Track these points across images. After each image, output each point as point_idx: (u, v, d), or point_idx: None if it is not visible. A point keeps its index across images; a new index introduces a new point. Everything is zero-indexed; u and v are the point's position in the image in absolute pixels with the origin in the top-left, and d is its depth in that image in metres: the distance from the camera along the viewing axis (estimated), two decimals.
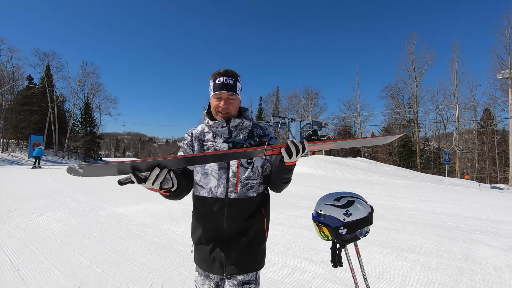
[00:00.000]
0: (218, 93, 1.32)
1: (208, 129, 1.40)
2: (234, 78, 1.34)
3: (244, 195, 1.30)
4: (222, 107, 1.32)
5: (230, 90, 1.32)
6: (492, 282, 2.82)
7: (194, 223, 1.40)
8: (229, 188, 1.28)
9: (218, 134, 1.36)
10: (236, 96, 1.35)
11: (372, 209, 1.27)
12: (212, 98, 1.36)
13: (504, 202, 8.17)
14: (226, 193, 1.28)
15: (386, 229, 4.68)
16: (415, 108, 31.66)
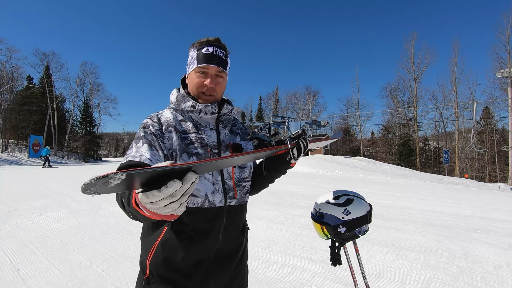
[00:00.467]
0: (205, 67, 1.01)
1: (183, 116, 1.06)
2: (226, 51, 1.07)
3: (242, 201, 1.08)
4: (208, 85, 1.02)
5: (221, 65, 1.03)
6: (492, 281, 2.82)
7: (169, 245, 0.97)
8: (228, 194, 1.02)
9: (202, 125, 1.05)
10: (226, 75, 1.08)
11: (371, 207, 1.27)
12: (193, 73, 1.04)
13: (504, 201, 8.18)
14: (226, 200, 1.01)
15: (386, 228, 4.69)
16: (415, 107, 31.68)
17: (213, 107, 1.03)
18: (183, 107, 1.05)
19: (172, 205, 0.53)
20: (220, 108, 1.06)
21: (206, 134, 1.04)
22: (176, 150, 0.97)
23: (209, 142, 1.03)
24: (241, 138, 1.18)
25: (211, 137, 1.05)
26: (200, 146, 1.00)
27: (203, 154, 1.00)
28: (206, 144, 1.02)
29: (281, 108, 42.20)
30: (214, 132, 1.06)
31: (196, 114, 1.04)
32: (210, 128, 1.06)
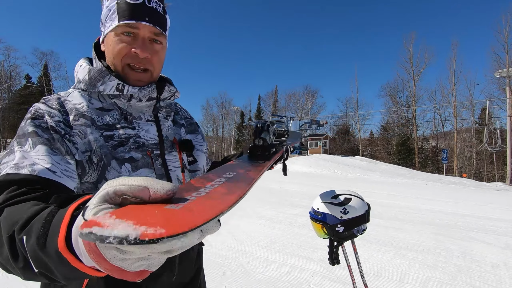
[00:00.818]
0: (132, 25, 0.68)
1: (102, 103, 0.73)
2: (163, 4, 0.75)
3: None
4: (140, 55, 0.70)
5: (158, 23, 0.71)
6: (490, 280, 2.83)
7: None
8: None
9: (134, 115, 0.76)
10: (165, 41, 0.77)
11: (369, 206, 1.27)
12: (113, 36, 0.70)
13: (502, 200, 8.21)
14: None
15: (384, 227, 4.70)
16: (414, 106, 31.77)
17: (150, 90, 0.73)
18: (102, 89, 0.71)
19: (155, 260, 0.29)
20: (160, 90, 0.76)
21: (141, 129, 0.75)
22: (99, 155, 0.66)
23: (146, 140, 0.75)
24: (187, 131, 0.90)
25: (149, 132, 0.76)
26: (135, 148, 0.71)
27: (141, 160, 0.72)
28: (143, 144, 0.73)
29: (280, 107, 42.28)
30: (152, 126, 0.78)
31: (124, 101, 0.73)
32: (146, 119, 0.77)
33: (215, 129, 45.47)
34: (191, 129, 0.94)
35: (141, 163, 0.72)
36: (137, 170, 0.70)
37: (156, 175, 0.73)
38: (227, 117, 44.81)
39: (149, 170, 0.73)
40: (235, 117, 42.27)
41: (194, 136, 0.93)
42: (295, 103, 40.51)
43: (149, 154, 0.74)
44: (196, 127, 0.97)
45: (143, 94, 0.74)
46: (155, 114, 0.80)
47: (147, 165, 0.73)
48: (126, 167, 0.69)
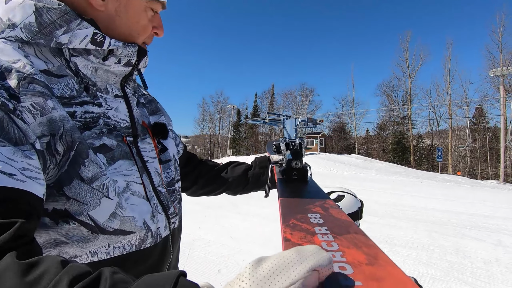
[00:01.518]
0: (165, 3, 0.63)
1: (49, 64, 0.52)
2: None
3: (181, 216, 0.76)
4: (160, 35, 0.65)
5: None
6: (482, 276, 2.88)
7: None
8: (169, 210, 0.66)
9: (98, 86, 0.58)
10: None
11: (362, 204, 1.29)
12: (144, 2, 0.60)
13: (495, 198, 8.31)
14: (169, 222, 0.66)
15: (379, 224, 4.74)
16: (409, 105, 31.97)
17: (134, 51, 0.59)
18: (66, 41, 0.51)
19: None
20: (140, 56, 0.61)
21: (109, 106, 0.58)
22: (68, 142, 0.47)
23: (117, 122, 0.58)
24: (149, 111, 0.74)
25: (119, 112, 0.60)
26: (108, 132, 0.54)
27: (117, 148, 0.55)
28: (114, 127, 0.56)
29: (277, 106, 42.24)
30: (122, 103, 0.61)
31: (96, 61, 0.55)
32: (114, 94, 0.60)
33: (211, 127, 45.38)
34: (152, 108, 0.76)
35: (117, 153, 0.55)
36: (114, 162, 0.54)
37: (137, 168, 0.59)
38: (223, 115, 44.72)
39: (129, 163, 0.57)
40: (231, 116, 42.18)
41: (158, 117, 0.75)
42: (292, 102, 40.53)
43: (126, 141, 0.58)
44: (157, 105, 0.79)
45: (126, 52, 0.58)
46: (122, 87, 0.62)
47: (126, 156, 0.57)
48: (99, 158, 0.51)
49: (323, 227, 0.39)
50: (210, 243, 3.73)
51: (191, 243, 3.73)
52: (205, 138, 46.68)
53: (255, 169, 0.98)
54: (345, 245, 0.32)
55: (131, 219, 0.54)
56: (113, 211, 0.51)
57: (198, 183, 0.96)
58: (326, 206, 0.52)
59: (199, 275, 2.78)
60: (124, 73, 0.62)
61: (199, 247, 3.59)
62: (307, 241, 0.33)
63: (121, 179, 0.54)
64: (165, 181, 0.69)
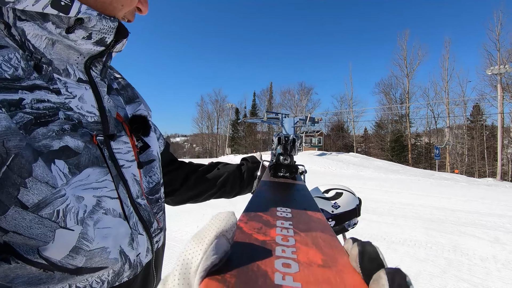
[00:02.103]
0: None
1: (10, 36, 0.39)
2: None
3: (165, 229, 0.62)
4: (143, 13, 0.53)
5: None
6: (478, 273, 2.90)
7: None
8: (151, 228, 0.53)
9: (55, 66, 0.42)
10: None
11: (360, 201, 1.29)
12: None
13: (492, 195, 8.37)
14: (151, 243, 0.53)
15: (377, 222, 4.76)
16: (407, 103, 32.06)
17: (112, 27, 0.45)
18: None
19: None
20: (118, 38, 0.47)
21: (70, 94, 0.43)
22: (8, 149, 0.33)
23: (83, 116, 0.44)
24: (125, 100, 0.58)
25: (85, 102, 0.45)
26: (71, 129, 0.40)
27: (84, 151, 0.41)
28: (79, 123, 0.42)
29: (275, 104, 42.25)
30: (87, 91, 0.46)
31: (56, 32, 0.41)
32: (77, 78, 0.45)
33: (210, 126, 45.34)
34: (128, 95, 0.60)
35: (85, 158, 0.40)
36: (79, 172, 0.39)
37: (112, 177, 0.45)
38: (221, 114, 44.69)
39: (100, 171, 0.43)
40: (230, 114, 42.17)
41: (136, 106, 0.60)
42: (290, 100, 40.55)
43: (96, 142, 0.43)
44: (133, 91, 0.62)
45: (101, 27, 0.43)
46: (88, 70, 0.47)
47: (96, 162, 0.42)
48: (58, 167, 0.37)
49: (288, 221, 0.32)
50: None
51: None
52: (203, 137, 46.65)
53: (247, 165, 0.92)
54: (303, 242, 0.26)
55: (101, 252, 0.40)
56: (75, 246, 0.37)
57: (188, 182, 0.80)
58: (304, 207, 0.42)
59: None
60: (92, 52, 0.46)
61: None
62: (260, 233, 0.27)
63: (89, 195, 0.40)
64: (147, 188, 0.55)
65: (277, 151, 0.66)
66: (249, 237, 0.26)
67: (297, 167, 0.64)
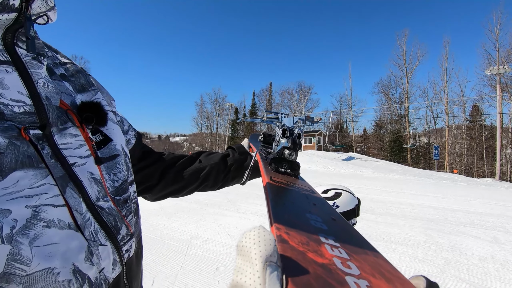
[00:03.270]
0: None
1: None
2: None
3: (139, 232, 0.55)
4: None
5: None
6: (477, 272, 2.91)
7: None
8: (119, 235, 0.45)
9: None
10: None
11: (359, 201, 1.29)
12: None
13: (491, 195, 8.38)
14: (120, 254, 0.44)
15: (376, 222, 4.77)
16: (406, 103, 32.09)
17: None
18: None
19: None
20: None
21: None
22: None
23: (4, 105, 0.34)
24: (77, 88, 0.49)
25: (7, 88, 0.35)
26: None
27: (9, 149, 0.32)
28: (1, 113, 0.34)
29: (275, 104, 42.22)
30: (9, 73, 0.36)
31: None
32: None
33: (209, 126, 45.31)
34: (80, 82, 0.50)
35: (10, 159, 0.32)
36: (2, 177, 0.31)
37: (54, 180, 0.36)
38: (221, 113, 44.65)
39: (36, 174, 0.35)
40: (229, 114, 42.13)
41: (91, 95, 0.51)
42: (290, 100, 40.54)
43: (27, 137, 0.35)
44: (87, 78, 0.53)
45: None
46: (10, 49, 0.37)
47: (29, 163, 0.34)
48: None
49: (330, 236, 0.29)
50: (208, 241, 3.74)
51: (189, 241, 3.73)
52: (202, 136, 46.60)
53: (234, 155, 0.83)
54: (368, 271, 0.24)
55: (46, 274, 0.32)
56: (3, 272, 0.29)
57: (166, 177, 0.72)
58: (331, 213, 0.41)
59: (197, 273, 2.78)
60: (3, 23, 0.36)
61: (196, 245, 3.59)
62: (312, 251, 0.24)
63: (19, 206, 0.32)
64: (111, 187, 0.46)
65: (281, 143, 0.60)
66: (303, 256, 0.23)
67: (299, 164, 0.60)
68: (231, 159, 0.82)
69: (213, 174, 0.78)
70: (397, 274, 0.25)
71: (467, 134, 29.52)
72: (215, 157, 0.81)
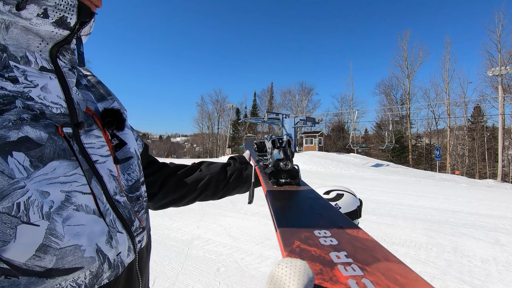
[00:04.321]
0: None
1: None
2: None
3: (149, 228, 0.61)
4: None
5: None
6: (479, 274, 2.89)
7: None
8: (132, 226, 0.50)
9: (12, 52, 0.39)
10: None
11: (361, 202, 1.29)
12: None
13: (493, 197, 8.35)
14: (133, 242, 0.50)
15: (377, 223, 4.75)
16: (408, 104, 32.03)
17: (71, 5, 0.41)
18: None
19: None
20: (82, 19, 0.43)
21: (31, 83, 0.40)
22: None
23: (47, 106, 0.41)
24: (97, 98, 0.56)
25: (49, 92, 0.42)
26: (32, 119, 0.38)
27: (48, 143, 0.38)
28: (42, 113, 0.40)
29: (276, 104, 42.25)
30: (53, 80, 0.43)
31: (2, 9, 0.38)
32: (39, 66, 0.42)
33: (210, 126, 45.37)
34: (99, 92, 0.57)
35: (49, 150, 0.38)
36: (43, 165, 0.37)
37: (83, 171, 0.42)
38: (222, 114, 44.72)
39: (69, 164, 0.40)
40: (230, 114, 42.16)
41: (109, 103, 0.57)
42: (291, 100, 40.56)
43: (62, 134, 0.41)
44: (105, 89, 0.59)
45: (58, 2, 0.39)
46: (54, 59, 0.44)
47: (63, 155, 0.40)
48: (17, 160, 0.34)
49: (341, 251, 0.29)
50: (209, 241, 3.74)
51: (190, 241, 3.73)
52: (204, 137, 46.66)
53: (235, 165, 0.85)
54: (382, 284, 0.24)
55: (74, 250, 0.37)
56: (42, 243, 0.34)
57: (167, 186, 0.74)
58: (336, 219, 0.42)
59: (198, 274, 2.78)
60: (56, 37, 0.42)
61: (197, 245, 3.59)
62: (327, 279, 0.24)
63: (56, 190, 0.37)
64: (126, 186, 0.52)
65: (274, 155, 0.61)
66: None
67: (298, 170, 0.60)
68: (232, 169, 0.83)
69: (213, 183, 0.80)
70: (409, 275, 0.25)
71: (469, 135, 29.44)
72: (215, 167, 0.83)
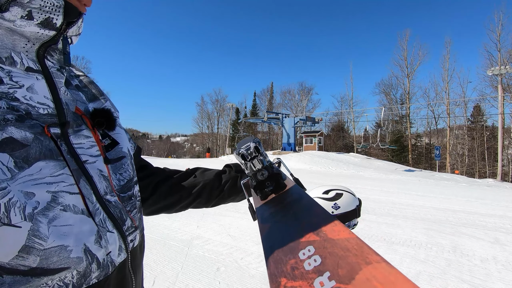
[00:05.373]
0: None
1: None
2: None
3: (142, 228, 0.59)
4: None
5: None
6: (479, 274, 2.89)
7: None
8: (124, 225, 0.50)
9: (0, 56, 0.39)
10: None
11: (360, 202, 1.29)
12: None
13: (492, 196, 8.36)
14: (125, 241, 0.49)
15: (377, 223, 4.76)
16: (408, 104, 32.04)
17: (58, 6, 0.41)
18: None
19: None
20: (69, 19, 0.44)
21: (16, 84, 0.39)
22: None
23: (32, 106, 0.40)
24: (89, 98, 0.55)
25: (35, 92, 0.41)
26: (17, 119, 0.37)
27: (34, 143, 0.38)
28: (28, 114, 0.39)
29: (276, 104, 42.25)
30: (40, 81, 0.43)
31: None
32: (25, 66, 0.41)
33: (210, 126, 45.38)
34: (91, 93, 0.57)
35: (35, 150, 0.37)
36: (28, 166, 0.36)
37: (70, 171, 0.42)
38: (222, 113, 44.73)
39: (55, 165, 0.40)
40: (230, 114, 42.16)
41: (101, 103, 0.57)
42: (291, 100, 40.56)
43: (49, 134, 0.40)
44: (98, 89, 0.59)
45: (43, 4, 0.39)
46: (42, 58, 0.44)
47: (50, 155, 0.39)
48: (1, 161, 0.34)
49: (325, 273, 0.30)
50: (209, 241, 3.74)
51: (190, 241, 3.73)
52: (203, 136, 46.67)
53: (230, 173, 0.82)
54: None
55: (60, 250, 0.37)
56: (25, 245, 0.34)
57: (158, 191, 0.72)
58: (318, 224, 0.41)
59: (198, 273, 2.78)
60: (42, 38, 0.42)
61: (197, 245, 3.59)
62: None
63: (42, 191, 0.37)
64: (117, 185, 0.52)
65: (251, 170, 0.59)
66: None
67: (279, 172, 0.58)
68: (226, 177, 0.81)
69: (207, 190, 0.77)
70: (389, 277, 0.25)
71: (469, 134, 29.45)
72: (210, 174, 0.81)
